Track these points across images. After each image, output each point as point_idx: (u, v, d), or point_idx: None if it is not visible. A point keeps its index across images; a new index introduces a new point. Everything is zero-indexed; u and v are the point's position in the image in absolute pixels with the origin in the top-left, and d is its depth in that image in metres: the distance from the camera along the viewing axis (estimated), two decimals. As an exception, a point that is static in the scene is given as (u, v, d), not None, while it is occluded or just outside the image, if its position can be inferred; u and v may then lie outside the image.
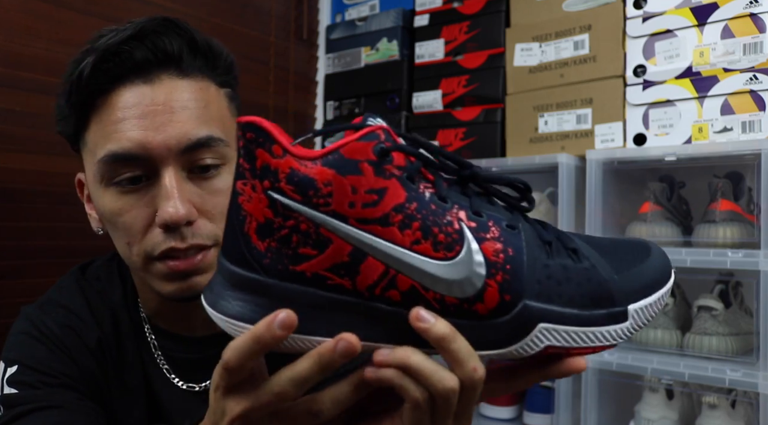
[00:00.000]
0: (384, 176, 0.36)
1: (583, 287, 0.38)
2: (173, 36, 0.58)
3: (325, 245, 0.35)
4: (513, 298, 0.37)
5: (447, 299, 0.36)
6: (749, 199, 1.16)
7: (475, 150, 1.42)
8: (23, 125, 1.14)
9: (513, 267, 0.37)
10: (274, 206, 0.35)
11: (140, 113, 0.55)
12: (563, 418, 1.22)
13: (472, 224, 0.37)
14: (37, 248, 1.16)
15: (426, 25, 1.54)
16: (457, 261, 0.36)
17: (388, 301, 0.36)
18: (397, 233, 0.36)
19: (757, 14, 1.10)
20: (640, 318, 0.39)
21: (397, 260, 0.36)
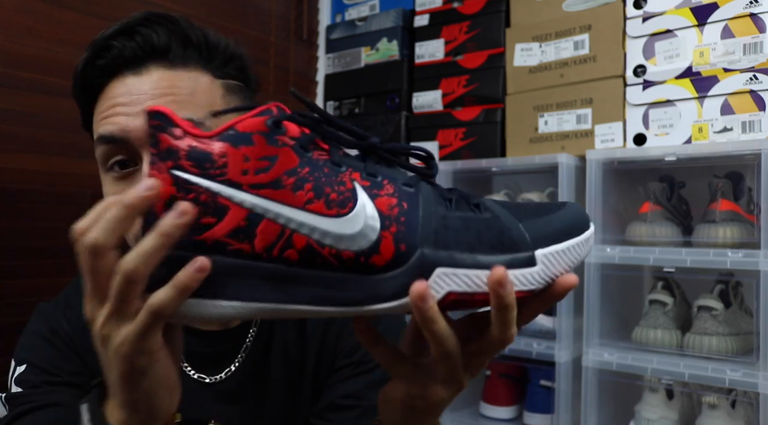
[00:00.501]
0: (276, 144, 0.38)
1: (483, 234, 0.39)
2: (161, 29, 0.60)
3: (223, 212, 0.38)
4: (408, 247, 0.38)
5: (344, 254, 0.38)
6: (749, 199, 1.16)
7: (475, 150, 1.42)
8: (23, 125, 1.14)
9: (408, 219, 0.39)
10: (177, 183, 0.38)
11: (127, 100, 0.58)
12: (563, 418, 1.22)
13: (366, 183, 0.39)
14: (37, 248, 1.16)
15: (426, 25, 1.54)
16: (350, 217, 0.38)
17: (287, 261, 0.38)
18: (290, 194, 0.38)
19: (757, 14, 1.10)
20: (552, 264, 0.40)
21: (290, 220, 0.38)
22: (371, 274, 0.38)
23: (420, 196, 0.40)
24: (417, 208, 0.39)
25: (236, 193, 0.38)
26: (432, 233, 0.39)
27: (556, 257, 0.40)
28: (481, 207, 0.41)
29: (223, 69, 0.64)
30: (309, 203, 0.38)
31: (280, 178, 0.38)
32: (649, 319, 1.17)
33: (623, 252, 1.16)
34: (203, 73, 0.61)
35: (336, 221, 0.38)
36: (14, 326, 1.11)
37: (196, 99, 0.59)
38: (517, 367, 1.36)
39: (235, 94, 0.65)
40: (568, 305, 1.23)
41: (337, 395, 0.67)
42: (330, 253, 0.38)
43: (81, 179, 1.21)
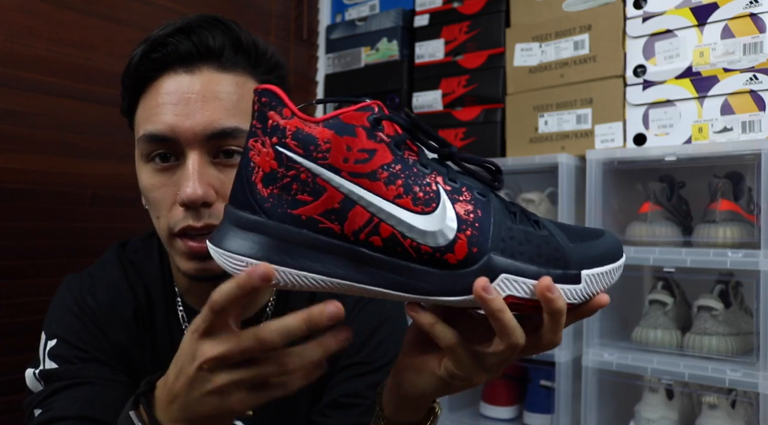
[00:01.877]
0: (375, 139, 0.42)
1: (542, 248, 0.44)
2: (217, 33, 0.63)
3: (320, 193, 0.41)
4: (480, 251, 0.43)
5: (422, 248, 0.42)
6: (749, 199, 1.16)
7: (475, 150, 1.42)
8: (23, 125, 1.14)
9: (481, 225, 0.43)
10: (280, 159, 0.41)
11: (177, 99, 0.60)
12: (563, 418, 1.22)
13: (448, 187, 0.43)
14: (37, 248, 1.16)
15: (426, 25, 1.54)
16: (433, 215, 0.42)
17: (371, 246, 0.42)
18: (383, 187, 0.42)
19: (757, 14, 1.10)
20: (592, 283, 0.45)
21: (380, 210, 0.41)
22: (444, 269, 0.43)
23: (491, 206, 0.44)
24: (489, 217, 0.44)
25: (335, 177, 0.41)
26: (500, 241, 0.43)
27: (597, 278, 0.45)
28: (540, 224, 0.46)
29: (267, 76, 0.67)
30: (398, 198, 0.42)
31: (376, 171, 0.41)
32: (649, 319, 1.17)
33: (623, 252, 1.15)
34: (249, 78, 0.64)
35: (420, 218, 0.42)
36: (14, 326, 1.11)
37: (243, 105, 0.62)
38: (517, 367, 1.36)
39: None
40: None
41: (339, 393, 0.68)
42: (411, 245, 0.42)
43: (81, 179, 1.21)
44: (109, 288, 0.70)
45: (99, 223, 1.22)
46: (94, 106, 1.22)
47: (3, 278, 1.11)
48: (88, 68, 1.22)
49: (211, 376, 0.42)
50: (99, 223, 1.22)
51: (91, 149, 1.22)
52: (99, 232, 1.22)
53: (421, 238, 0.42)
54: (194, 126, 0.59)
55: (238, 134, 0.61)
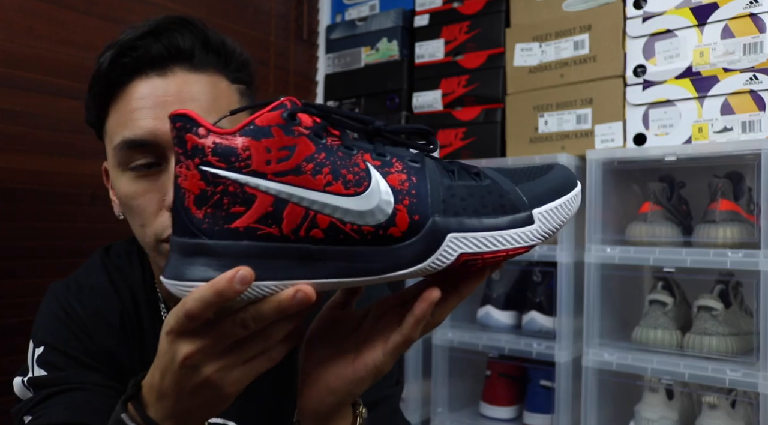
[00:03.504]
0: (293, 135, 0.42)
1: (486, 199, 0.44)
2: (186, 33, 0.62)
3: (251, 201, 0.41)
4: (422, 217, 0.43)
5: (364, 229, 0.42)
6: (749, 199, 1.16)
7: (475, 150, 1.42)
8: (23, 125, 1.14)
9: (418, 192, 0.43)
10: (206, 177, 0.41)
11: (153, 103, 0.60)
12: (563, 418, 1.22)
13: (377, 162, 0.43)
14: (37, 248, 1.16)
15: (426, 25, 1.54)
16: (367, 194, 0.42)
17: (314, 240, 0.42)
18: (311, 179, 0.41)
19: (757, 14, 1.10)
20: (548, 221, 0.45)
21: (313, 202, 0.41)
22: (390, 244, 0.43)
23: (426, 170, 0.44)
24: (425, 181, 0.43)
25: (262, 182, 0.41)
26: (441, 202, 0.43)
27: (551, 214, 0.45)
28: (481, 175, 0.45)
29: (237, 74, 0.67)
30: (328, 186, 0.41)
31: (300, 165, 0.41)
32: (649, 319, 1.17)
33: (623, 252, 1.16)
34: (221, 77, 0.64)
35: (354, 200, 0.42)
36: (14, 326, 1.11)
37: (218, 104, 0.62)
38: (517, 367, 1.36)
39: (246, 98, 0.68)
40: (568, 305, 1.23)
41: None
42: (352, 229, 0.42)
43: (81, 179, 1.21)
44: (94, 294, 0.70)
45: (99, 223, 1.22)
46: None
47: (2, 278, 1.11)
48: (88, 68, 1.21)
49: (198, 369, 0.42)
50: (99, 223, 1.22)
51: (91, 149, 1.22)
52: (99, 232, 1.22)
53: (360, 219, 0.42)
54: None
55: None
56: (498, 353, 1.32)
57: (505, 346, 1.29)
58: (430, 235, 0.42)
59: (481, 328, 1.37)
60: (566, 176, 0.47)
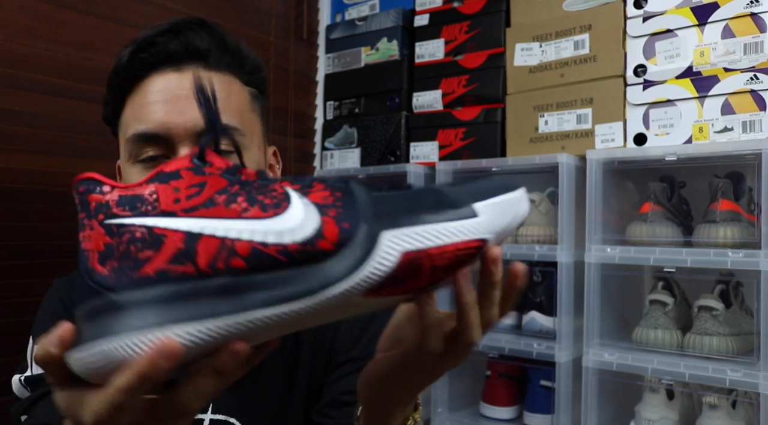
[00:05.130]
0: (204, 174, 0.40)
1: (421, 199, 0.41)
2: (204, 34, 0.64)
3: (161, 241, 0.38)
4: (352, 224, 0.39)
5: (290, 248, 0.38)
6: (750, 199, 1.16)
7: (475, 150, 1.42)
8: (23, 125, 1.14)
9: (344, 202, 0.40)
10: (110, 231, 0.38)
11: (167, 97, 0.61)
12: (563, 418, 1.21)
13: (296, 186, 0.41)
14: (37, 248, 1.16)
15: (426, 25, 1.54)
16: (287, 213, 0.39)
17: (235, 271, 0.37)
18: (224, 209, 0.38)
19: (757, 14, 1.10)
20: (493, 214, 0.41)
21: (229, 229, 0.38)
22: (322, 260, 0.38)
23: (350, 186, 0.41)
24: (351, 194, 0.40)
25: (171, 221, 0.38)
26: (371, 208, 0.39)
27: (495, 207, 0.42)
28: (412, 186, 0.42)
29: (250, 76, 0.68)
30: (245, 212, 0.38)
31: (212, 197, 0.39)
32: (650, 319, 1.17)
33: (623, 252, 1.16)
34: (235, 78, 0.66)
35: (275, 220, 0.38)
36: (14, 326, 1.11)
37: (231, 103, 0.64)
38: (517, 367, 1.36)
39: (257, 102, 0.70)
40: (569, 305, 1.23)
41: (338, 391, 0.68)
42: (276, 250, 0.38)
43: (81, 179, 1.21)
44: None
45: (99, 223, 1.22)
46: (94, 106, 1.22)
47: (2, 278, 1.11)
48: (88, 68, 1.22)
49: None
50: (99, 223, 1.22)
51: (91, 149, 1.22)
52: (99, 232, 1.22)
53: (284, 238, 0.38)
54: (186, 122, 0.60)
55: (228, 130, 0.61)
56: (498, 353, 1.32)
57: (505, 346, 1.29)
58: (364, 240, 0.38)
59: (482, 328, 1.37)
60: (507, 180, 0.45)
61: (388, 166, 1.50)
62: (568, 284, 1.23)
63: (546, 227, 1.32)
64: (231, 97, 0.64)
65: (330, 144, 1.69)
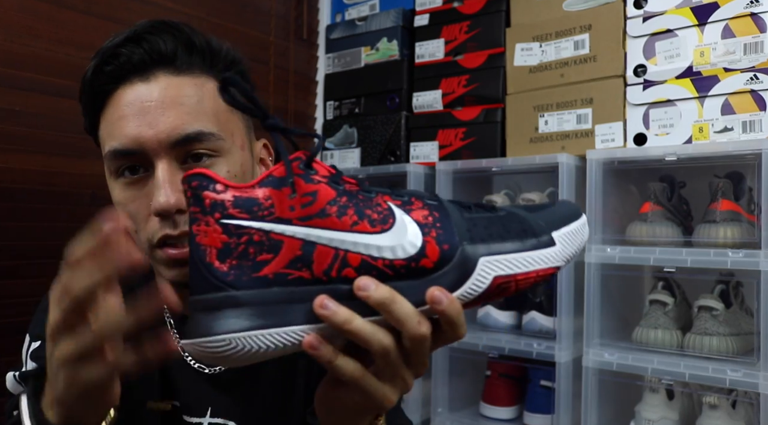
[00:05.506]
0: (313, 182, 0.42)
1: (507, 226, 0.45)
2: (168, 37, 0.62)
3: (278, 247, 0.41)
4: (451, 246, 0.43)
5: (396, 263, 0.42)
6: (750, 199, 1.16)
7: (475, 150, 1.42)
8: (23, 125, 1.14)
9: (443, 224, 0.44)
10: (228, 230, 0.41)
11: (136, 110, 0.59)
12: (563, 418, 1.21)
13: (398, 202, 0.44)
14: (37, 248, 1.16)
15: (426, 25, 1.54)
16: (394, 230, 0.43)
17: (346, 280, 0.41)
18: (336, 221, 0.42)
19: (757, 14, 1.10)
20: (567, 244, 0.47)
21: (342, 242, 0.41)
22: (424, 276, 0.43)
23: (444, 205, 0.45)
24: (447, 215, 0.44)
25: (287, 227, 0.41)
26: (466, 231, 0.44)
27: (569, 236, 0.47)
28: (496, 208, 0.47)
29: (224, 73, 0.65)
30: (355, 225, 0.42)
31: (324, 208, 0.42)
32: (650, 319, 1.17)
33: (623, 252, 1.16)
34: (208, 78, 0.63)
35: (383, 236, 0.42)
36: (14, 326, 1.11)
37: (204, 106, 0.61)
38: (517, 367, 1.36)
39: None
40: (569, 306, 1.23)
41: None
42: (384, 264, 0.42)
43: (81, 179, 1.21)
44: None
45: (99, 223, 1.22)
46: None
47: (2, 278, 1.11)
48: (88, 68, 1.22)
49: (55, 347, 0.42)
50: (99, 223, 1.22)
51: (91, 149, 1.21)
52: (99, 232, 1.22)
53: (391, 254, 0.42)
54: (158, 134, 0.58)
55: (204, 138, 0.60)
56: (498, 353, 1.32)
57: (505, 346, 1.29)
58: (461, 262, 0.43)
59: (482, 328, 1.37)
60: (571, 206, 0.49)
61: (388, 166, 1.50)
62: (568, 284, 1.23)
63: (546, 227, 1.32)
64: (204, 101, 0.61)
65: (330, 144, 1.69)
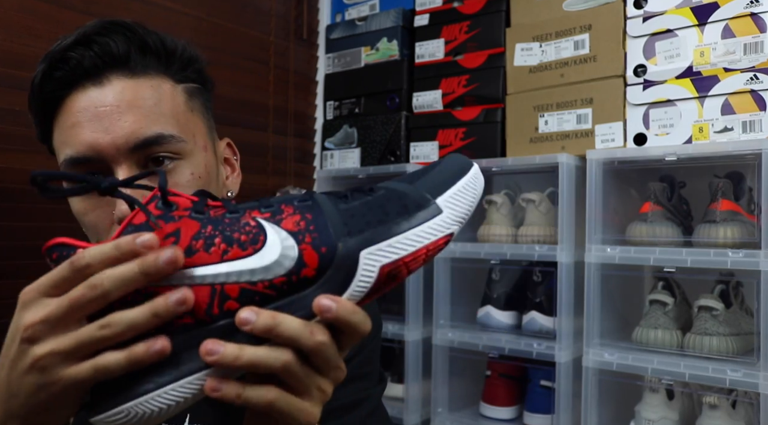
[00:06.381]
0: (174, 220, 0.40)
1: (386, 206, 0.42)
2: (119, 38, 0.60)
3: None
4: (329, 248, 0.40)
5: (276, 282, 0.40)
6: (750, 199, 1.16)
7: (475, 150, 1.42)
8: (23, 125, 1.14)
9: (317, 225, 0.41)
10: None
11: (91, 115, 0.57)
12: (563, 418, 1.21)
13: (266, 214, 0.42)
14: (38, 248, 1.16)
15: (426, 25, 1.54)
16: (267, 247, 0.40)
17: (230, 313, 0.39)
18: (205, 255, 0.39)
19: (757, 14, 1.10)
20: (456, 206, 0.44)
21: (215, 276, 0.39)
22: (308, 287, 0.40)
23: (317, 203, 0.42)
24: (320, 213, 0.42)
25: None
26: (343, 225, 0.41)
27: (457, 196, 0.44)
28: (375, 188, 0.44)
29: (182, 73, 0.64)
30: (225, 254, 0.39)
31: (190, 245, 0.39)
32: (650, 319, 1.17)
33: (623, 252, 1.16)
34: (164, 79, 0.61)
35: (255, 258, 0.39)
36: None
37: (162, 108, 0.59)
38: (517, 367, 1.36)
39: (196, 98, 0.65)
40: (569, 305, 1.23)
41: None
42: (264, 286, 0.39)
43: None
44: None
45: (99, 223, 1.22)
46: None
47: (2, 278, 1.11)
48: (87, 68, 1.22)
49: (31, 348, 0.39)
50: (99, 223, 1.22)
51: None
52: (99, 232, 1.22)
53: (269, 274, 0.39)
54: (115, 140, 0.57)
55: (163, 140, 0.58)
56: (498, 353, 1.32)
57: (505, 346, 1.29)
58: (343, 261, 0.40)
59: (481, 328, 1.37)
60: (458, 160, 0.46)
61: (388, 166, 1.50)
62: (568, 284, 1.23)
63: (546, 227, 1.32)
64: (162, 103, 0.59)
65: (330, 144, 1.69)
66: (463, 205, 0.44)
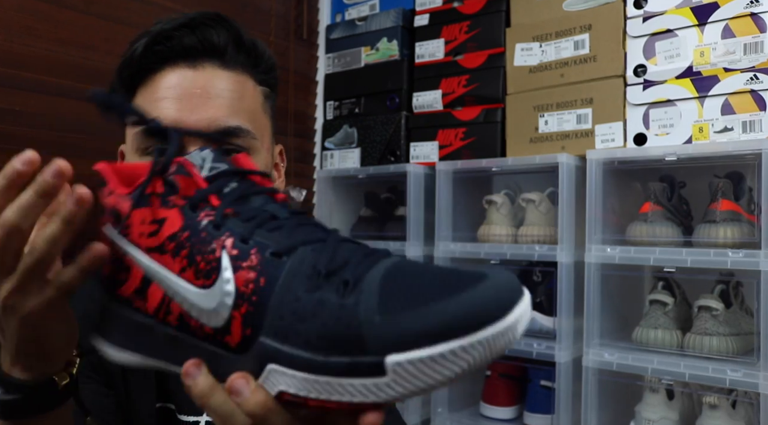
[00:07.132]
0: (167, 206, 0.39)
1: (327, 327, 0.32)
2: (221, 30, 0.63)
3: (129, 271, 0.39)
4: (252, 333, 0.35)
5: (206, 329, 0.36)
6: (750, 199, 1.16)
7: (475, 150, 1.42)
8: (23, 125, 1.14)
9: (259, 299, 0.34)
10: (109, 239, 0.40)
11: (179, 93, 0.60)
12: (563, 418, 1.21)
13: (234, 251, 0.36)
14: (37, 248, 1.16)
15: (426, 25, 1.54)
16: (211, 291, 0.36)
17: (170, 325, 0.38)
18: (170, 259, 0.37)
19: (757, 14, 1.10)
20: (408, 377, 0.30)
21: (169, 286, 0.37)
22: (229, 352, 0.36)
23: (284, 270, 0.35)
24: (273, 286, 0.34)
25: (137, 254, 0.39)
26: (278, 318, 0.34)
27: (414, 366, 0.30)
28: (348, 287, 0.33)
29: (264, 76, 0.68)
30: (183, 271, 0.37)
31: (164, 242, 0.38)
32: (650, 319, 1.17)
33: (623, 252, 1.16)
34: (249, 77, 0.65)
35: (200, 294, 0.36)
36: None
37: (244, 104, 0.63)
38: (517, 367, 1.36)
39: (268, 101, 0.69)
40: (569, 305, 1.23)
41: None
42: (196, 325, 0.37)
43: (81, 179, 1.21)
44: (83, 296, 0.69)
45: (99, 223, 1.22)
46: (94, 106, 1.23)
47: (3, 279, 1.11)
48: (88, 68, 1.22)
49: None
50: (99, 223, 1.22)
51: (91, 148, 1.22)
52: (99, 232, 1.22)
53: (204, 317, 0.36)
54: (198, 122, 0.59)
55: (240, 133, 0.61)
56: (498, 353, 1.32)
57: (505, 346, 1.29)
58: (255, 358, 0.34)
59: (482, 328, 1.37)
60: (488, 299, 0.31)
61: (388, 166, 1.50)
62: (568, 284, 1.23)
63: (546, 227, 1.32)
64: (245, 98, 0.63)
65: (330, 144, 1.69)
66: (418, 379, 0.30)
